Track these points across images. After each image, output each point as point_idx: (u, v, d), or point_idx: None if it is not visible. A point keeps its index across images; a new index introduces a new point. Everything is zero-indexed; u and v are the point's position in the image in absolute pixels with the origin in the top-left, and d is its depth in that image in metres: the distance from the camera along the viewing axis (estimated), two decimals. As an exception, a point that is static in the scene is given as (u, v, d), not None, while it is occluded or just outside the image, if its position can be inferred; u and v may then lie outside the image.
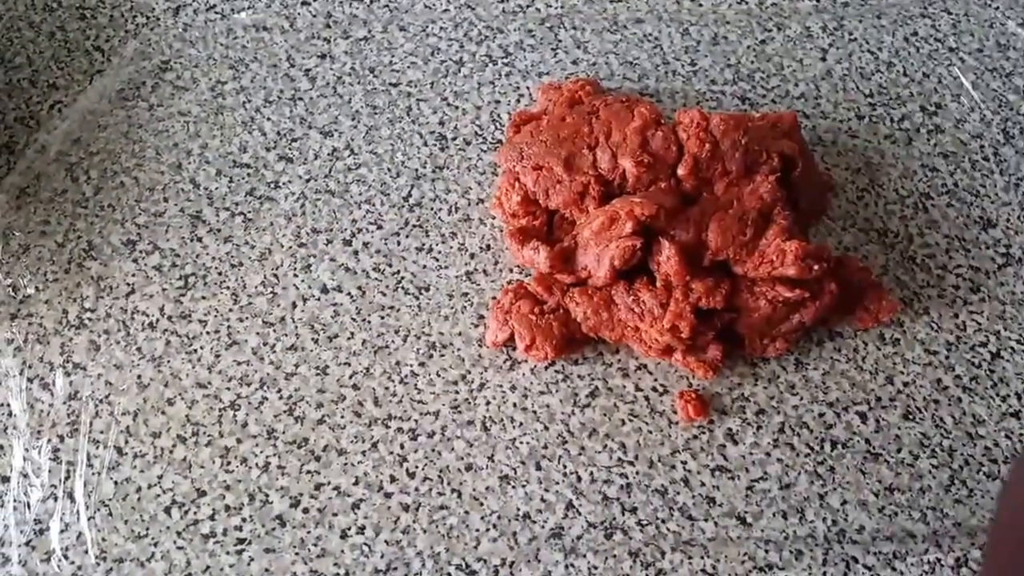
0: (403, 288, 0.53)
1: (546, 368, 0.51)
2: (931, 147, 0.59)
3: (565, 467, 0.48)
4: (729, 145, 0.50)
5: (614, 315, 0.49)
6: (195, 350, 0.50)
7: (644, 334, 0.49)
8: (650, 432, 0.49)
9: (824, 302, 0.50)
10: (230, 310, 0.52)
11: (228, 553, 0.45)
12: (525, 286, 0.51)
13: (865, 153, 0.58)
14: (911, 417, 0.50)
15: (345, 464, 0.48)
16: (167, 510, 0.46)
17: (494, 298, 0.52)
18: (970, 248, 0.55)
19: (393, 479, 0.48)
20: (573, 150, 0.52)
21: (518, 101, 0.59)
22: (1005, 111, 0.60)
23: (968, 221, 0.56)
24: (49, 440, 0.48)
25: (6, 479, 0.47)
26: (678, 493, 0.48)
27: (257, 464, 0.48)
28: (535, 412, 0.50)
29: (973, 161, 0.58)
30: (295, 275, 0.53)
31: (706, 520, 0.47)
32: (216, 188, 0.55)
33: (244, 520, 0.46)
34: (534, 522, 0.47)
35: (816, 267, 0.48)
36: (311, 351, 0.51)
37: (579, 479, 0.48)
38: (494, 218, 0.55)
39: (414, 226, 0.55)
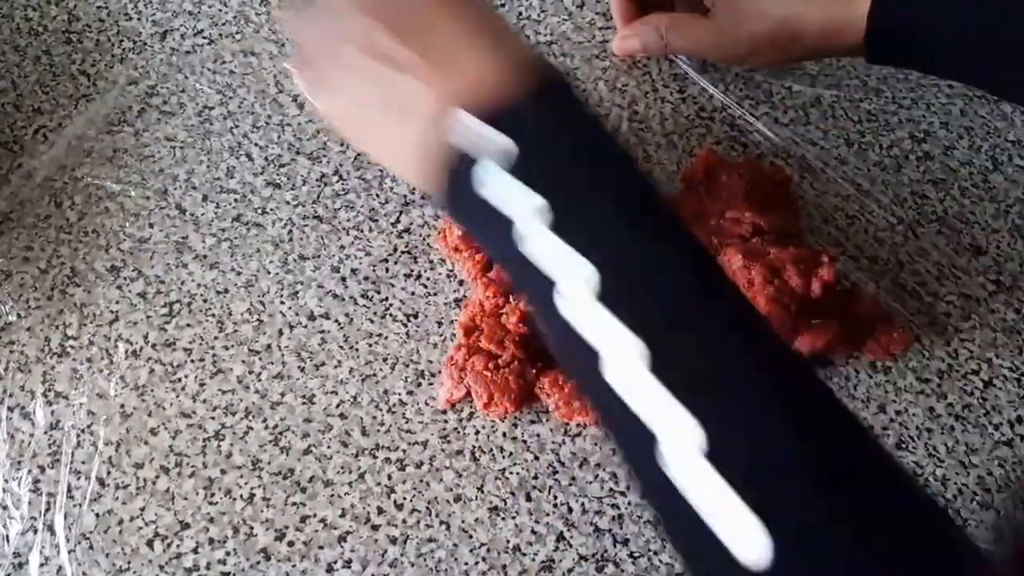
0: (391, 315, 0.52)
1: (536, 397, 0.50)
2: (920, 174, 0.59)
3: (556, 498, 0.48)
4: None
5: (586, 402, 0.48)
6: (179, 379, 0.50)
7: None
8: (641, 462, 0.49)
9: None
10: (215, 338, 0.51)
11: (211, 588, 0.44)
12: (477, 341, 0.50)
13: (855, 180, 0.58)
14: (904, 446, 0.50)
15: (331, 495, 0.47)
16: (149, 543, 0.45)
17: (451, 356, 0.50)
18: (961, 275, 0.55)
19: (380, 511, 0.47)
20: None
21: (508, 127, 0.59)
22: (994, 138, 0.60)
23: (959, 248, 0.56)
24: (30, 471, 0.47)
25: (-16, 512, 0.46)
26: (670, 524, 0.47)
27: (242, 496, 0.47)
28: (525, 442, 0.49)
29: (963, 188, 0.58)
30: (282, 302, 0.52)
31: (698, 552, 0.46)
32: (202, 214, 0.55)
33: (228, 553, 0.45)
34: (524, 554, 0.46)
35: None
36: (297, 379, 0.50)
37: (570, 510, 0.47)
38: (483, 244, 0.54)
39: (403, 252, 0.54)
